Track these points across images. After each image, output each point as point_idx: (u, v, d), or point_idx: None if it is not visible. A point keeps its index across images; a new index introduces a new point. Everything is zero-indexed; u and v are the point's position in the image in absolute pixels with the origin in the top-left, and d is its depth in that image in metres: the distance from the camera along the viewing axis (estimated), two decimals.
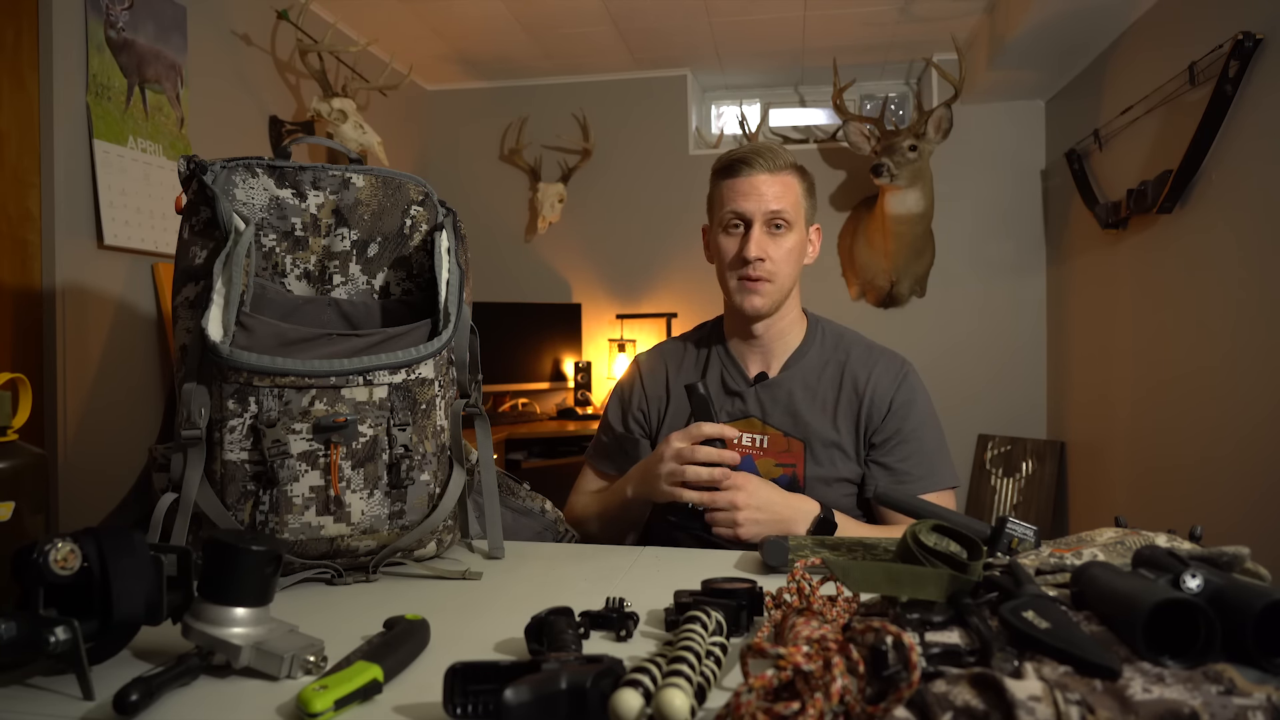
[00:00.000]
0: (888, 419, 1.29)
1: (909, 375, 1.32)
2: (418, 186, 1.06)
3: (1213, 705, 0.45)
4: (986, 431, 3.57)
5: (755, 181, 1.27)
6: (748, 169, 1.28)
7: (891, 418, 1.29)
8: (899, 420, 1.29)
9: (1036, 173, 3.55)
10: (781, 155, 1.29)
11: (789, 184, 1.29)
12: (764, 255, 1.27)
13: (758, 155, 1.28)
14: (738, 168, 1.29)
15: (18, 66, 1.85)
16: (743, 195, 1.28)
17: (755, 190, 1.27)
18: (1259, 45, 1.99)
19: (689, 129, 3.79)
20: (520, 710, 0.50)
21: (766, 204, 1.27)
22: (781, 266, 1.28)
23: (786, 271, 1.29)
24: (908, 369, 1.33)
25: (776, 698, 0.49)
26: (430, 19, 3.16)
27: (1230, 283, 2.14)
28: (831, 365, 1.33)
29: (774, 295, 1.29)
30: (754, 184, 1.27)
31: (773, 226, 1.28)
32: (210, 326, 0.86)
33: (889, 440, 1.29)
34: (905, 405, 1.29)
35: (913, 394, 1.31)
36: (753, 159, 1.28)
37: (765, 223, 1.27)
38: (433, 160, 3.92)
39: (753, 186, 1.27)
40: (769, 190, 1.27)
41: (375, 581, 0.94)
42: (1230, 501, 2.13)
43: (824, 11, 3.08)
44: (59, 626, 0.59)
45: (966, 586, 0.61)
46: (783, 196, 1.27)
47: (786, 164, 1.29)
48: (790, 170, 1.30)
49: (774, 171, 1.28)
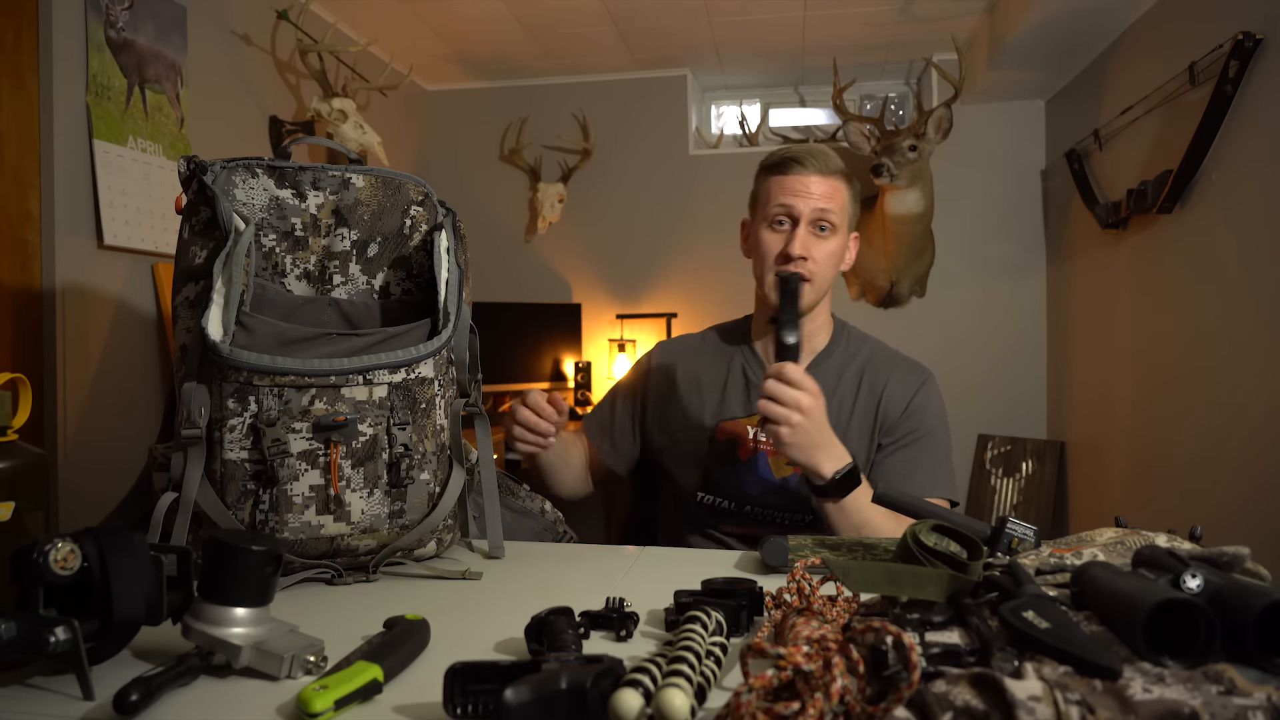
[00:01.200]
0: (901, 420, 1.29)
1: (929, 383, 1.33)
2: (417, 186, 1.06)
3: (1213, 705, 0.45)
4: (986, 431, 3.57)
5: (806, 180, 1.27)
6: (799, 167, 1.28)
7: (905, 419, 1.29)
8: (912, 423, 1.29)
9: (1036, 173, 3.55)
10: (833, 158, 1.30)
11: (838, 188, 1.29)
12: (807, 254, 1.26)
13: (810, 155, 1.28)
14: (789, 165, 1.29)
15: (18, 66, 1.85)
16: (792, 193, 1.28)
17: (805, 189, 1.27)
18: (1259, 45, 1.99)
19: (689, 129, 3.79)
20: (520, 710, 0.50)
21: (814, 203, 1.27)
22: (822, 268, 1.28)
23: (825, 274, 1.29)
24: (928, 377, 1.34)
25: (776, 698, 0.49)
26: (430, 19, 3.16)
27: (1230, 283, 2.14)
28: (852, 368, 1.33)
29: (810, 296, 1.28)
30: (805, 183, 1.27)
31: (818, 228, 1.28)
32: (210, 326, 0.86)
33: (897, 441, 1.29)
34: (920, 410, 1.29)
35: (929, 401, 1.31)
36: (805, 158, 1.28)
37: (811, 222, 1.27)
38: (433, 160, 3.92)
39: (803, 185, 1.27)
40: (818, 190, 1.27)
41: (375, 581, 0.94)
42: (1230, 501, 2.13)
43: (824, 11, 3.08)
44: (59, 626, 0.59)
45: (966, 586, 0.61)
46: (831, 198, 1.28)
47: (837, 168, 1.30)
48: (840, 174, 1.30)
49: (825, 174, 1.28)
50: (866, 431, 1.30)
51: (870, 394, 1.31)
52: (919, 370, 1.34)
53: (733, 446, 1.32)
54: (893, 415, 1.29)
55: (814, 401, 1.12)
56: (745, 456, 1.31)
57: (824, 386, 1.30)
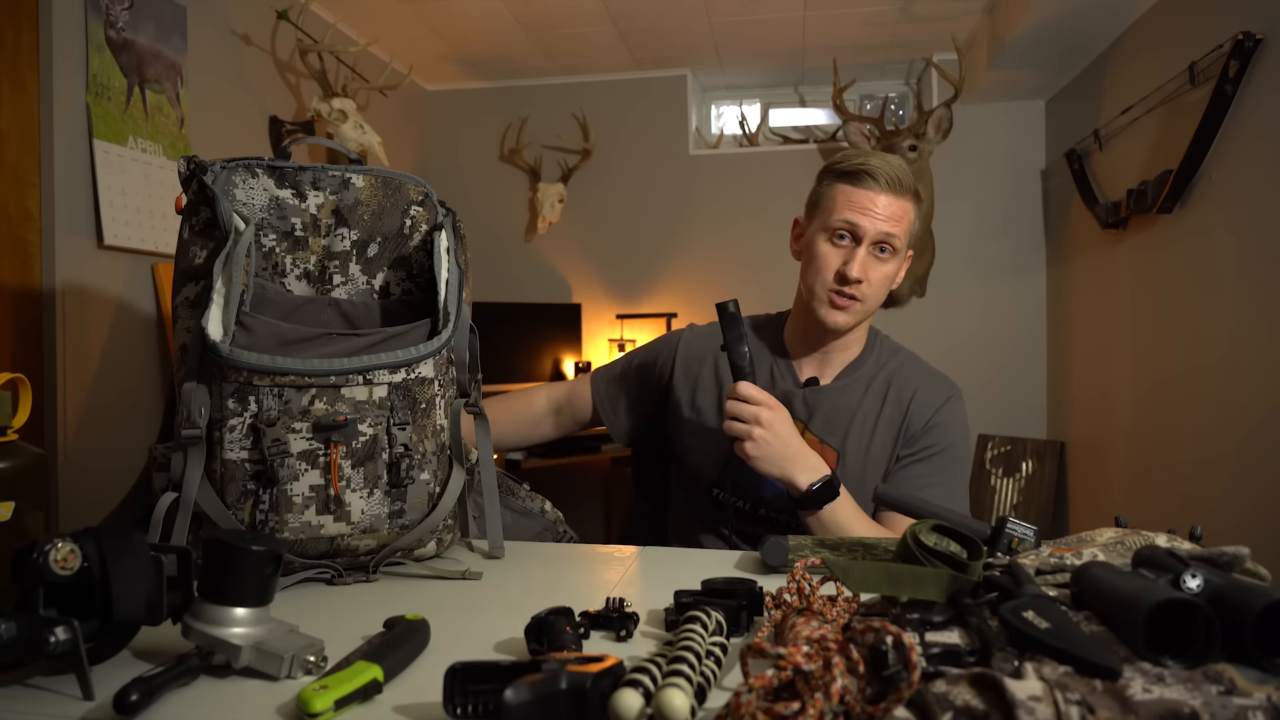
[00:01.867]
0: (921, 434, 1.27)
1: (954, 399, 1.30)
2: (417, 186, 1.06)
3: (1213, 705, 0.45)
4: (986, 431, 3.57)
5: (876, 198, 1.21)
6: (872, 182, 1.21)
7: (925, 434, 1.27)
8: (932, 438, 1.27)
9: (1036, 173, 3.55)
10: (907, 176, 1.23)
11: (907, 210, 1.23)
12: (864, 277, 1.22)
13: (884, 171, 1.21)
14: (863, 178, 1.21)
15: (18, 66, 1.85)
16: (860, 209, 1.21)
17: (875, 207, 1.21)
18: (1259, 45, 1.99)
19: (689, 129, 3.79)
20: (520, 710, 0.50)
21: (881, 225, 1.21)
22: (875, 289, 1.24)
23: (877, 295, 1.26)
24: (955, 393, 1.31)
25: (776, 698, 0.49)
26: (430, 19, 3.16)
27: (1230, 283, 2.14)
28: (880, 379, 1.31)
29: (859, 315, 1.26)
30: (874, 200, 1.21)
31: (879, 249, 1.23)
32: (210, 326, 0.86)
33: (915, 454, 1.27)
34: (942, 425, 1.27)
35: (952, 418, 1.29)
36: (879, 173, 1.21)
37: (874, 243, 1.22)
38: (433, 160, 3.92)
39: (872, 202, 1.21)
40: (887, 211, 1.21)
41: (375, 581, 0.94)
42: (1230, 501, 2.13)
43: (824, 11, 3.08)
44: (59, 626, 0.59)
45: (966, 586, 0.61)
46: (899, 220, 1.22)
47: (910, 188, 1.23)
48: (911, 195, 1.24)
49: (898, 194, 1.22)
50: (890, 441, 1.28)
51: (897, 405, 1.29)
52: (946, 386, 1.32)
53: None
54: (914, 428, 1.27)
55: (772, 414, 1.12)
56: None
57: (851, 395, 1.30)
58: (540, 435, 1.51)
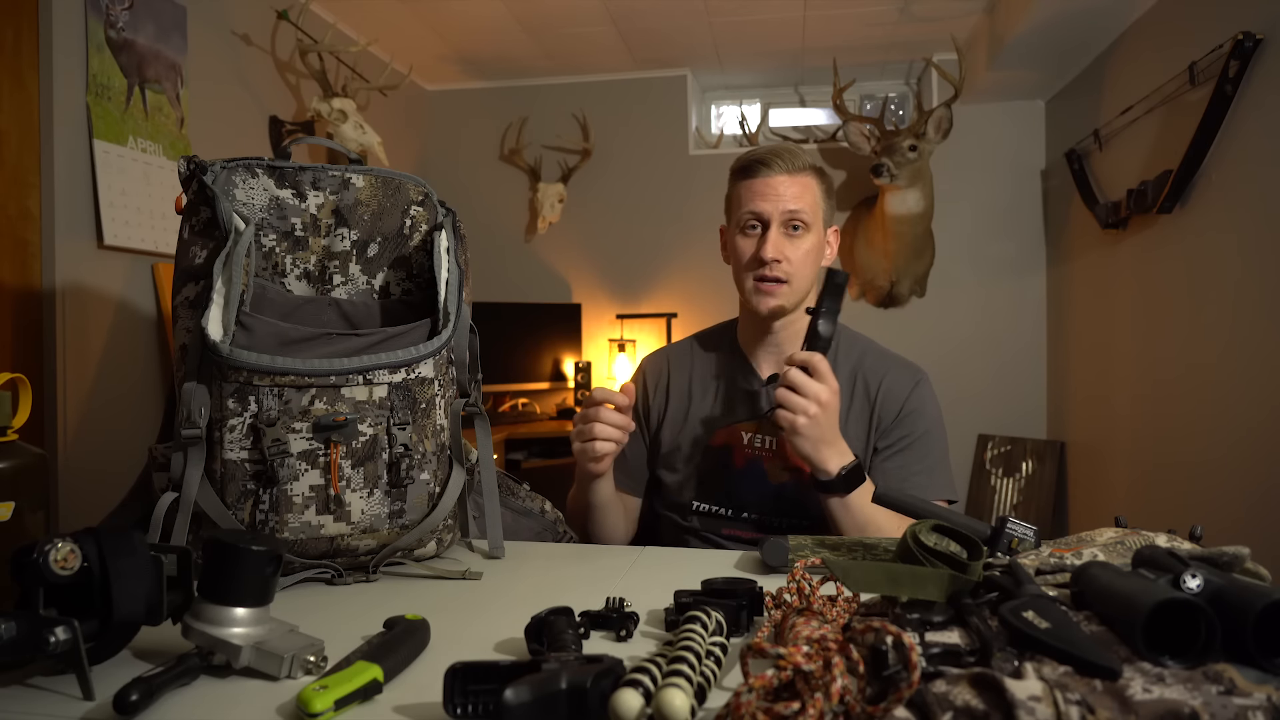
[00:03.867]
0: (896, 423, 1.28)
1: (922, 383, 1.31)
2: (417, 186, 1.06)
3: (1213, 705, 0.45)
4: (986, 431, 3.57)
5: (773, 182, 1.26)
6: (766, 169, 1.26)
7: (900, 423, 1.28)
8: (907, 426, 1.28)
9: (1036, 173, 3.55)
10: (800, 156, 1.28)
11: (807, 185, 1.27)
12: (781, 256, 1.25)
13: (776, 156, 1.26)
14: (756, 168, 1.27)
15: (18, 66, 1.85)
16: (760, 196, 1.26)
17: (773, 191, 1.25)
18: (1259, 45, 1.99)
19: (689, 129, 3.79)
20: (520, 710, 0.50)
21: (784, 204, 1.25)
22: (799, 268, 1.26)
23: (804, 273, 1.27)
24: (922, 377, 1.32)
25: (776, 698, 0.49)
26: (430, 19, 3.16)
27: (1230, 283, 2.14)
28: (845, 370, 1.32)
29: (790, 296, 1.27)
30: (772, 184, 1.26)
31: (790, 228, 1.26)
32: (210, 326, 0.86)
33: (893, 445, 1.28)
34: (915, 412, 1.28)
35: (923, 402, 1.30)
36: (771, 159, 1.26)
37: (782, 224, 1.26)
38: (433, 160, 3.92)
39: (770, 187, 1.26)
40: (787, 191, 1.25)
41: (375, 581, 0.94)
42: (1230, 501, 2.13)
43: (824, 11, 3.08)
44: (59, 626, 0.59)
45: (966, 586, 0.61)
46: (801, 197, 1.26)
47: (805, 165, 1.28)
48: (809, 171, 1.28)
49: (792, 172, 1.26)
50: (863, 433, 1.29)
51: (865, 395, 1.30)
52: (912, 371, 1.33)
53: (728, 454, 1.31)
54: (888, 418, 1.29)
55: (832, 397, 1.12)
56: (741, 463, 1.30)
57: None
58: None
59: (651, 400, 1.41)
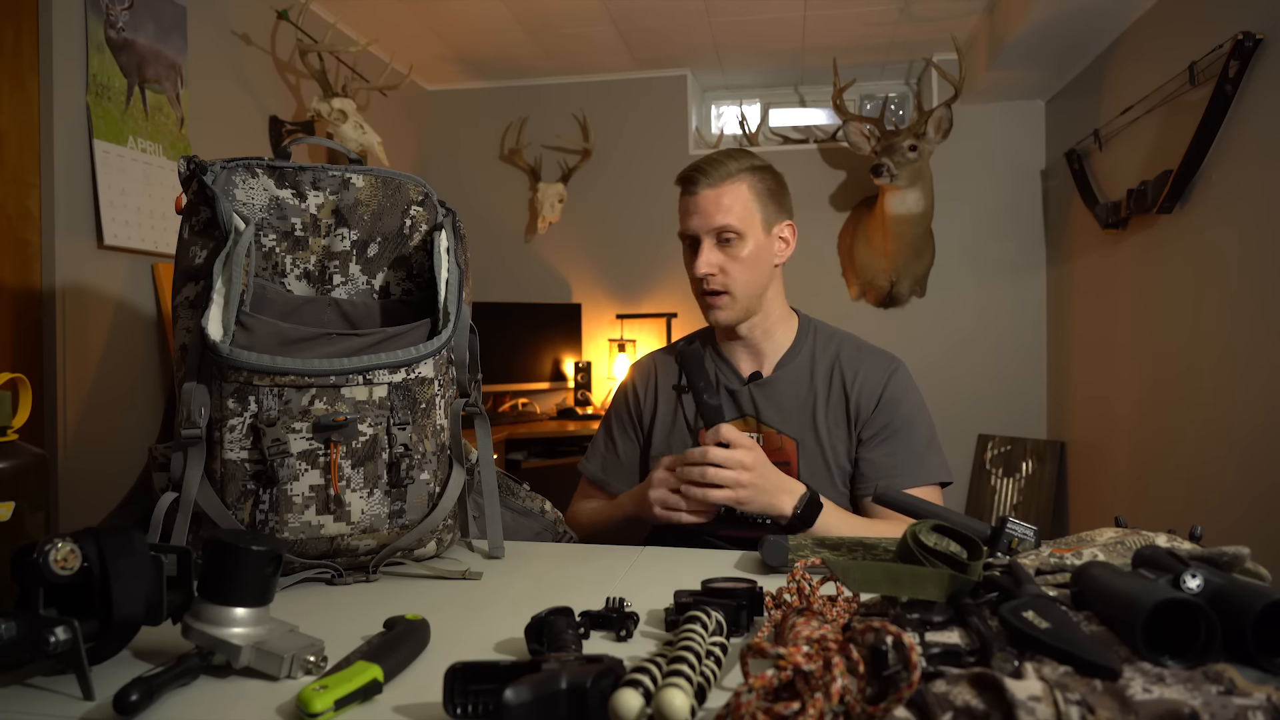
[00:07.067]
0: (876, 413, 1.29)
1: (898, 371, 1.33)
2: (417, 186, 1.06)
3: (1213, 705, 0.45)
4: (986, 431, 3.57)
5: (699, 199, 1.27)
6: (692, 185, 1.27)
7: (879, 412, 1.29)
8: (887, 415, 1.29)
9: (1036, 173, 3.55)
10: (725, 164, 1.27)
11: (734, 193, 1.26)
12: (714, 270, 1.27)
13: (700, 171, 1.27)
14: (686, 185, 1.29)
15: (18, 66, 1.85)
16: (688, 213, 1.28)
17: (699, 208, 1.27)
18: (1259, 45, 1.99)
19: (689, 129, 3.79)
20: (520, 710, 0.50)
21: (710, 220, 1.26)
22: (738, 276, 1.27)
23: (745, 279, 1.28)
24: (896, 365, 1.34)
25: (776, 698, 0.49)
26: (430, 19, 3.16)
27: (1230, 283, 2.14)
28: (822, 363, 1.33)
29: (734, 306, 1.29)
30: (698, 202, 1.27)
31: (722, 240, 1.27)
32: (210, 326, 0.86)
33: (877, 435, 1.29)
34: (893, 400, 1.30)
35: (901, 390, 1.31)
36: (695, 175, 1.27)
37: (714, 238, 1.27)
38: (433, 160, 3.92)
39: (696, 205, 1.27)
40: (710, 206, 1.26)
41: (375, 581, 0.94)
42: (1230, 501, 2.13)
43: (824, 11, 3.08)
44: (59, 626, 0.59)
45: (966, 586, 0.61)
46: (729, 209, 1.26)
47: (730, 173, 1.26)
48: (737, 178, 1.27)
49: (717, 184, 1.26)
50: (843, 425, 1.31)
51: (841, 389, 1.31)
52: (887, 360, 1.34)
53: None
54: (866, 410, 1.30)
55: (755, 454, 1.14)
56: None
57: (796, 382, 1.33)
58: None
59: (643, 403, 1.42)
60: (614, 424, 1.45)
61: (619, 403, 1.46)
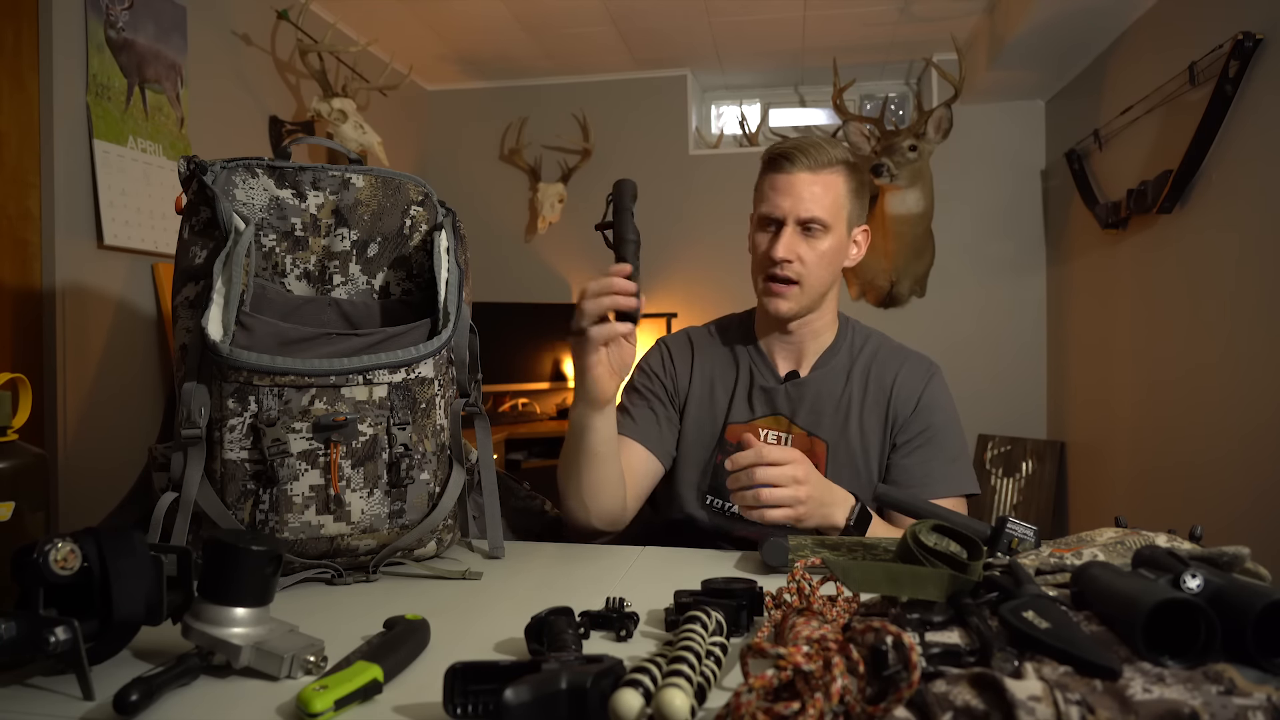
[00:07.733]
0: (913, 417, 1.26)
1: (936, 376, 1.29)
2: (417, 187, 1.06)
3: (1213, 705, 0.45)
4: (986, 431, 3.57)
5: (794, 180, 1.20)
6: (789, 165, 1.21)
7: (917, 417, 1.26)
8: (924, 420, 1.25)
9: (1036, 173, 3.55)
10: (827, 151, 1.21)
11: (830, 184, 1.21)
12: (792, 256, 1.21)
13: (801, 151, 1.20)
14: (779, 163, 1.22)
15: (18, 66, 1.85)
16: (778, 193, 1.21)
17: (792, 190, 1.21)
18: (1259, 45, 1.99)
19: (689, 129, 3.79)
20: (520, 710, 0.50)
21: (802, 207, 1.20)
22: (813, 269, 1.22)
23: (819, 275, 1.23)
24: (935, 370, 1.30)
25: (776, 698, 0.49)
26: (430, 19, 3.16)
27: (1230, 283, 2.13)
28: (859, 365, 1.29)
29: (800, 300, 1.24)
30: (792, 183, 1.21)
31: (805, 229, 1.22)
32: (210, 326, 0.86)
33: (911, 441, 1.26)
34: (930, 406, 1.26)
35: (939, 396, 1.28)
36: (795, 155, 1.20)
37: (797, 223, 1.21)
38: (433, 160, 3.92)
39: (790, 185, 1.21)
40: (807, 191, 1.20)
41: (375, 581, 0.94)
42: (1230, 501, 2.13)
43: (824, 11, 3.08)
44: (59, 626, 0.59)
45: (966, 586, 0.61)
46: (821, 198, 1.20)
47: (832, 160, 1.22)
48: (835, 168, 1.22)
49: (816, 169, 1.20)
50: (878, 427, 1.27)
51: (879, 390, 1.27)
52: (926, 364, 1.31)
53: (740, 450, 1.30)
54: (904, 413, 1.26)
55: (805, 465, 1.04)
56: None
57: (832, 383, 1.28)
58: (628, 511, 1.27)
59: (678, 378, 1.34)
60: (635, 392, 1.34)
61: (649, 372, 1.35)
